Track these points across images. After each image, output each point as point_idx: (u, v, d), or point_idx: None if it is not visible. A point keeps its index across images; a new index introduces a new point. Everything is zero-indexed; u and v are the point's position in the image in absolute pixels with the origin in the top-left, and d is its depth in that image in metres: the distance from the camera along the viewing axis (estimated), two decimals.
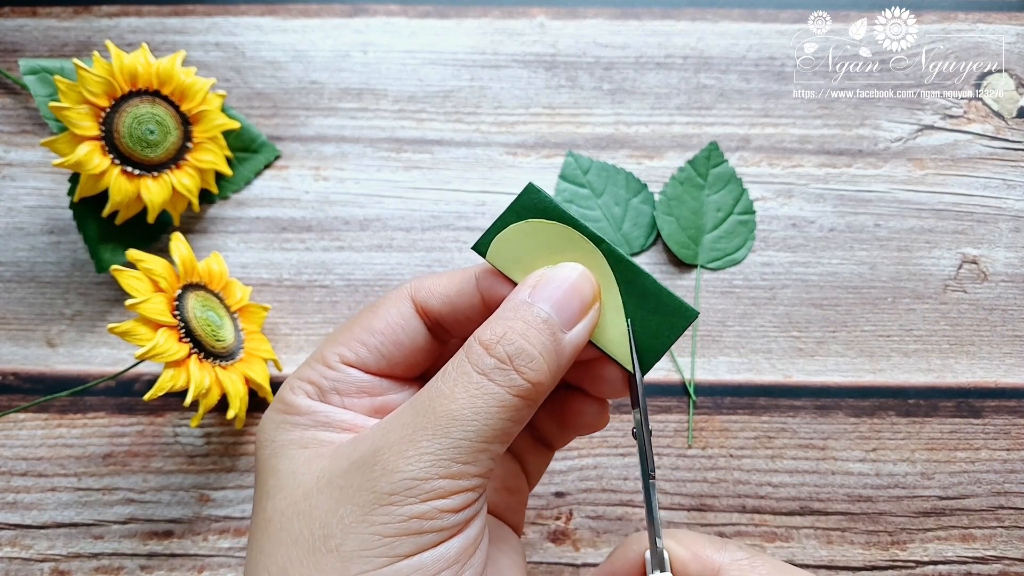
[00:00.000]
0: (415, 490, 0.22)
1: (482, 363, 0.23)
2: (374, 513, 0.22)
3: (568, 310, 0.24)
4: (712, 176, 0.42)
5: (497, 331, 0.23)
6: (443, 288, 0.26)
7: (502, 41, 0.44)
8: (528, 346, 0.23)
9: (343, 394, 0.26)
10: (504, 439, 0.23)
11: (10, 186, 0.42)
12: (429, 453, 0.22)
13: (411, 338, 0.26)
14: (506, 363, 0.23)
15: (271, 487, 0.24)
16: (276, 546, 0.23)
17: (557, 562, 0.37)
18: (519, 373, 0.23)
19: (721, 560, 0.26)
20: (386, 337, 0.26)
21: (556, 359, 0.24)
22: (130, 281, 0.33)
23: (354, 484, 0.22)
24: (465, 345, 0.24)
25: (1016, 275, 0.41)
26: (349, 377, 0.26)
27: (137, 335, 0.32)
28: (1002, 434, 0.39)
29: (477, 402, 0.22)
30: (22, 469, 0.38)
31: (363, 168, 0.43)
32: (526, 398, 0.23)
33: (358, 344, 0.26)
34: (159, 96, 0.38)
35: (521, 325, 0.23)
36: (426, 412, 0.22)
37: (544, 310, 0.24)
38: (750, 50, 0.44)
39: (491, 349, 0.23)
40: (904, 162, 0.43)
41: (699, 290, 0.41)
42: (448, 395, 0.22)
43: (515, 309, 0.24)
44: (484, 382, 0.23)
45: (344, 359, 0.26)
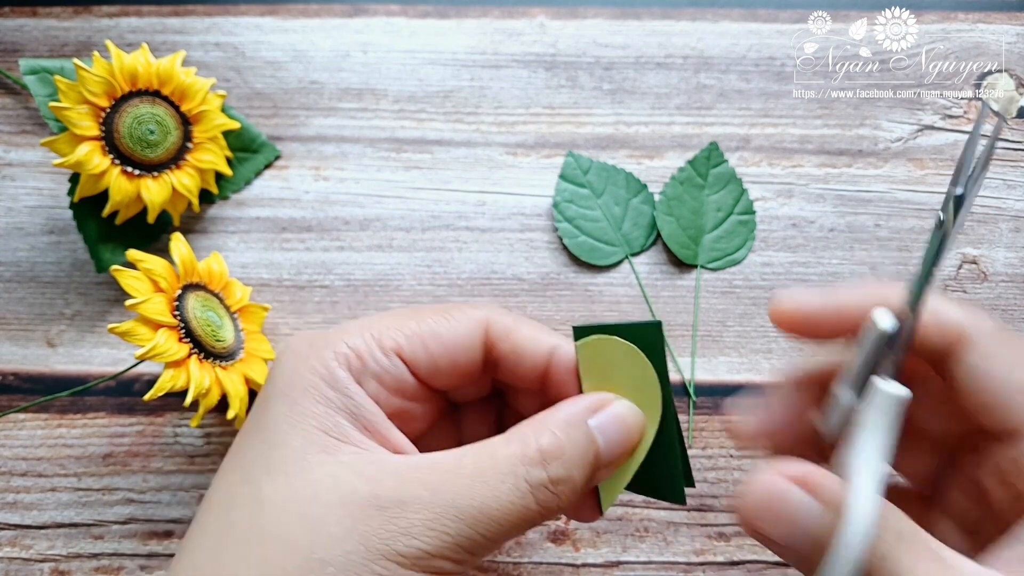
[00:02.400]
0: (423, 562, 0.22)
1: (533, 475, 0.23)
2: (378, 563, 0.21)
3: (615, 450, 0.25)
4: (712, 176, 0.42)
5: (559, 446, 0.23)
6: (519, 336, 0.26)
7: (502, 41, 0.44)
8: (576, 474, 0.24)
9: (382, 384, 0.25)
10: (505, 542, 0.24)
11: (10, 186, 0.42)
12: (450, 536, 0.22)
13: (468, 362, 0.26)
14: (554, 486, 0.23)
15: (275, 461, 0.23)
16: (263, 539, 0.22)
17: (557, 562, 0.37)
18: (558, 497, 0.23)
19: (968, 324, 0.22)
20: (448, 352, 0.26)
21: (584, 491, 0.25)
22: (130, 281, 0.33)
23: (371, 526, 0.22)
24: (521, 440, 0.24)
25: (1016, 275, 0.41)
26: (397, 371, 0.25)
27: (137, 335, 0.32)
28: None
29: (512, 509, 0.23)
30: (22, 469, 0.38)
31: (363, 168, 0.43)
32: (547, 517, 0.24)
33: (420, 343, 0.25)
34: (159, 96, 0.38)
35: (579, 452, 0.24)
36: (462, 492, 0.22)
37: (600, 443, 0.24)
38: (750, 50, 0.44)
39: (547, 464, 0.23)
40: (904, 162, 0.43)
41: (699, 290, 0.41)
42: (491, 488, 0.22)
43: (576, 427, 0.24)
44: (528, 495, 0.23)
45: (401, 351, 0.25)
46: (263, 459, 0.23)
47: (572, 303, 0.40)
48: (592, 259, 0.41)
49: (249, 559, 0.22)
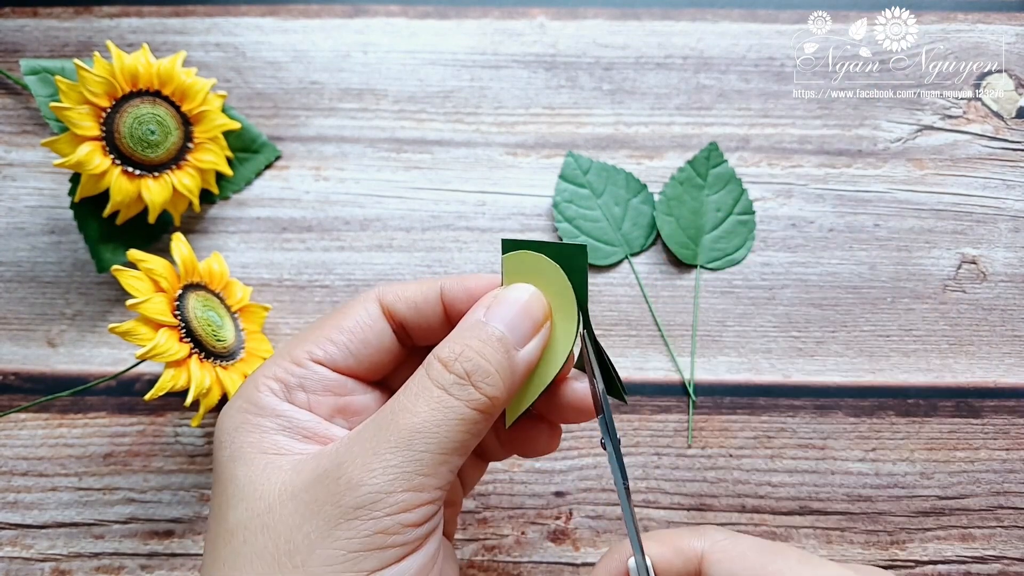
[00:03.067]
0: (380, 504, 0.22)
1: (442, 379, 0.24)
2: (339, 528, 0.22)
3: (520, 329, 0.25)
4: (712, 176, 0.42)
5: (455, 349, 0.24)
6: (410, 294, 0.27)
7: (502, 41, 0.45)
8: (484, 363, 0.24)
9: (309, 391, 0.26)
10: (463, 452, 0.24)
11: (11, 186, 0.42)
12: (393, 466, 0.22)
13: (378, 338, 0.27)
14: (464, 379, 0.24)
15: (231, 495, 0.24)
16: (239, 560, 0.23)
17: (557, 562, 0.37)
18: (476, 388, 0.24)
19: (702, 546, 0.26)
20: (355, 335, 0.27)
21: (511, 375, 0.25)
22: (131, 281, 0.33)
23: (319, 498, 0.23)
24: (425, 362, 0.25)
25: (1015, 275, 0.41)
26: (316, 374, 0.26)
27: (138, 335, 0.33)
28: (1001, 434, 0.39)
29: (438, 415, 0.23)
30: (23, 469, 0.38)
31: (363, 168, 0.43)
32: (484, 412, 0.24)
33: (327, 341, 0.27)
34: (160, 96, 0.38)
35: (477, 343, 0.25)
36: (389, 425, 0.23)
37: (498, 329, 0.25)
38: (750, 50, 0.44)
39: (450, 366, 0.24)
40: (904, 162, 0.43)
41: (699, 290, 0.41)
42: (411, 409, 0.23)
43: (472, 328, 0.25)
44: (444, 397, 0.24)
45: (313, 356, 0.26)
46: (223, 498, 0.24)
47: None
48: (592, 259, 0.41)
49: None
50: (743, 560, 0.25)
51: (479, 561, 0.36)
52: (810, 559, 0.25)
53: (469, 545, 0.37)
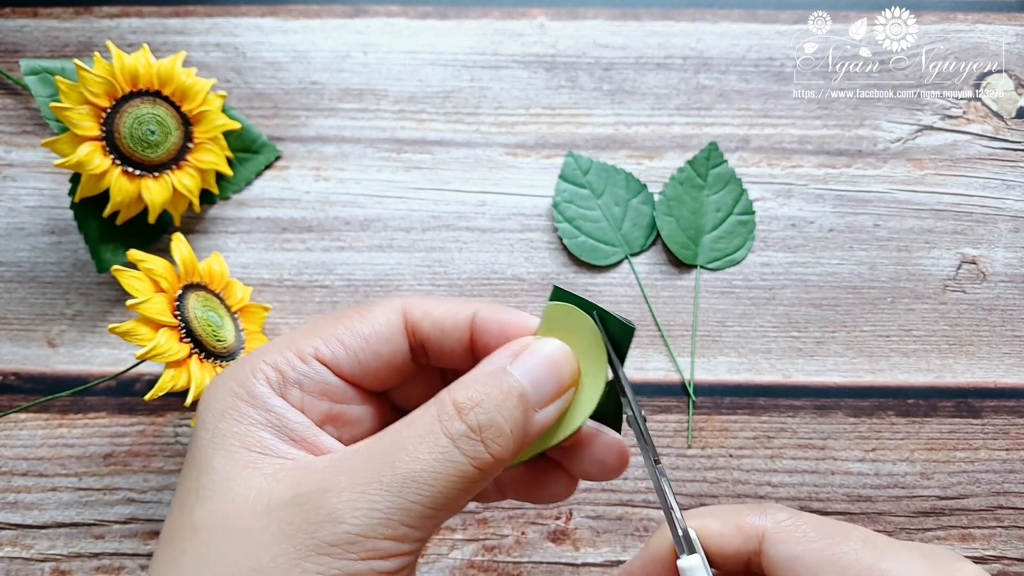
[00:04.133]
0: (356, 546, 0.21)
1: (452, 428, 0.22)
2: (309, 560, 0.21)
3: (544, 389, 0.24)
4: (712, 176, 0.42)
5: (473, 395, 0.23)
6: (439, 313, 0.25)
7: (502, 42, 0.45)
8: (500, 419, 0.22)
9: (305, 391, 0.24)
10: (454, 509, 0.23)
11: (11, 186, 0.42)
12: (379, 510, 0.21)
13: (392, 352, 0.25)
14: (475, 434, 0.22)
15: (203, 487, 0.23)
16: (198, 564, 0.22)
17: (557, 562, 0.37)
18: (486, 446, 0.22)
19: (763, 524, 0.25)
20: (368, 344, 0.25)
21: (523, 437, 0.23)
22: (131, 281, 0.33)
23: (294, 522, 0.21)
24: (437, 401, 0.23)
25: (1015, 275, 0.41)
26: (317, 375, 0.24)
27: (138, 335, 0.33)
28: (1001, 434, 0.39)
29: (439, 468, 0.21)
30: (23, 469, 0.38)
31: (363, 168, 0.43)
32: (486, 471, 0.22)
33: (337, 343, 0.25)
34: (160, 97, 0.38)
35: (498, 395, 0.23)
36: (384, 464, 0.22)
37: (522, 384, 0.23)
38: (750, 51, 0.44)
39: (464, 415, 0.22)
40: (903, 162, 0.43)
41: (699, 290, 0.41)
42: (411, 452, 0.22)
43: (495, 376, 0.23)
44: (450, 448, 0.22)
45: (319, 354, 0.24)
46: (193, 487, 0.23)
47: None
48: (592, 259, 0.41)
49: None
50: (806, 542, 0.24)
51: (479, 561, 0.36)
52: (876, 542, 0.24)
53: (469, 545, 0.37)
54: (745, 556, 0.25)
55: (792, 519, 0.25)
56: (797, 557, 0.24)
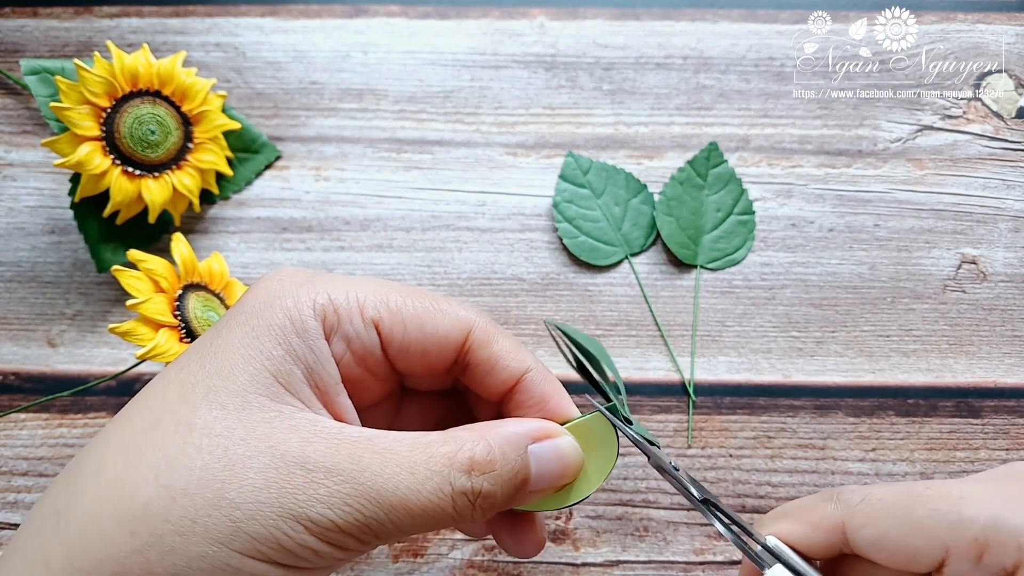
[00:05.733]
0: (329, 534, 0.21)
1: (458, 482, 0.23)
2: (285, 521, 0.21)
3: (545, 480, 0.25)
4: (712, 176, 0.42)
5: (489, 459, 0.23)
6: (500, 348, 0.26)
7: (502, 42, 0.45)
8: (499, 494, 0.23)
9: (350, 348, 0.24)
10: (413, 534, 0.24)
11: (11, 186, 0.42)
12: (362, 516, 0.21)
13: (440, 356, 0.26)
14: (474, 496, 0.23)
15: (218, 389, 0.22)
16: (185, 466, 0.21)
17: (557, 562, 0.37)
18: (474, 508, 0.23)
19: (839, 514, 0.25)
20: (424, 340, 0.25)
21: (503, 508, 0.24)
22: (131, 281, 0.33)
23: (292, 484, 0.21)
24: (458, 444, 0.23)
25: (1015, 275, 0.41)
26: (368, 340, 0.24)
27: (138, 335, 0.33)
28: (1001, 434, 0.39)
29: (429, 508, 0.22)
30: (23, 469, 0.38)
31: (363, 168, 0.43)
32: (457, 525, 0.24)
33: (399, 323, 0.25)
34: (160, 96, 0.38)
35: (508, 471, 0.24)
36: (386, 478, 0.22)
37: (530, 469, 0.24)
38: (749, 50, 0.44)
39: (475, 476, 0.23)
40: (903, 162, 0.43)
41: (699, 290, 0.41)
42: (416, 485, 0.22)
43: (515, 448, 0.24)
44: (447, 498, 0.22)
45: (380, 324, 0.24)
46: (205, 383, 0.22)
47: (572, 303, 0.40)
48: (592, 259, 0.41)
49: (162, 480, 0.21)
50: (887, 518, 0.24)
51: (479, 561, 0.36)
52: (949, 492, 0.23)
53: (469, 545, 0.37)
54: (835, 548, 0.25)
55: (865, 500, 0.24)
56: (883, 536, 0.24)
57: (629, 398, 0.39)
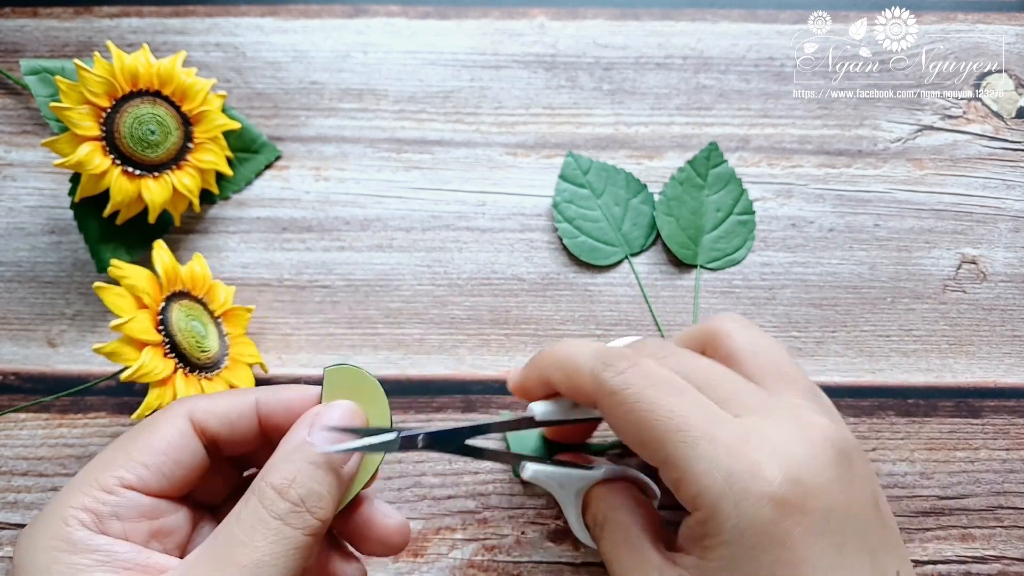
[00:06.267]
0: None
1: (277, 508, 0.24)
2: None
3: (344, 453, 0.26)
4: (712, 176, 0.42)
5: (287, 475, 0.24)
6: (222, 409, 0.27)
7: (502, 42, 0.45)
8: (317, 487, 0.25)
9: (123, 520, 0.25)
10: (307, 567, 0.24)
11: (11, 186, 0.42)
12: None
13: (191, 456, 0.27)
14: (300, 506, 0.24)
15: None
16: None
17: (557, 561, 0.37)
18: (312, 514, 0.24)
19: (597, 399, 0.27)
20: (167, 457, 0.26)
21: (340, 492, 0.26)
22: (114, 299, 0.33)
23: None
24: (255, 490, 0.24)
25: (1015, 275, 0.41)
26: (130, 501, 0.25)
27: (123, 355, 0.33)
28: (1001, 434, 0.39)
29: (277, 548, 0.23)
30: (23, 469, 0.38)
31: (363, 168, 0.43)
32: (317, 535, 0.25)
33: (138, 465, 0.26)
34: (160, 96, 0.38)
35: (308, 467, 0.25)
36: (228, 561, 0.23)
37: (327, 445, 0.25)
38: (750, 50, 0.45)
39: (284, 493, 0.24)
40: (903, 162, 0.43)
41: (699, 290, 0.41)
42: (248, 544, 0.23)
43: (299, 450, 0.25)
44: (281, 527, 0.24)
45: (124, 482, 0.25)
46: None
47: (572, 303, 0.40)
48: (592, 259, 0.41)
49: None
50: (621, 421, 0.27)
51: (479, 561, 0.36)
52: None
53: (469, 545, 0.37)
54: None
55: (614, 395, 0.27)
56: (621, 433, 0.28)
57: None
